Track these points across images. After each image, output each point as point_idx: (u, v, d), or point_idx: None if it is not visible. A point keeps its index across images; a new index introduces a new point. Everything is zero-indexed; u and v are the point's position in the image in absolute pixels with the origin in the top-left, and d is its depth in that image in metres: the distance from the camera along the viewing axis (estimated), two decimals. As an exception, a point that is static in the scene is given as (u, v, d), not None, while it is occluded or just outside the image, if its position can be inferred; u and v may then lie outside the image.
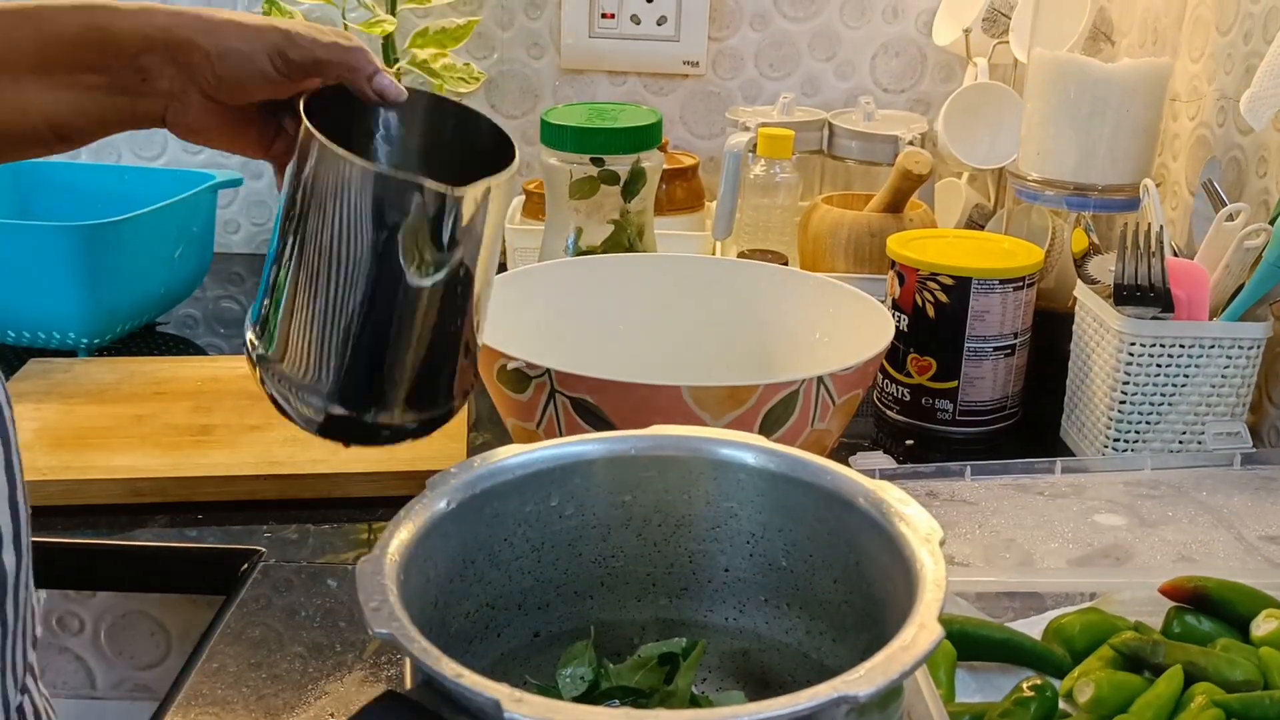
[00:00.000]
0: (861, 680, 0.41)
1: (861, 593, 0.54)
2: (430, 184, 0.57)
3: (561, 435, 0.77)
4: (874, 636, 0.44)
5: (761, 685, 0.59)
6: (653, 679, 0.56)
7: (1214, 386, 0.95)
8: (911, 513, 0.51)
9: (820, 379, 0.77)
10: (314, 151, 0.59)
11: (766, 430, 0.77)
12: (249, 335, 0.66)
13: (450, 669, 0.41)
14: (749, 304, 0.97)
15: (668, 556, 0.60)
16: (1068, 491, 0.84)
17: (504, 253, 1.31)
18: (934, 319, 1.02)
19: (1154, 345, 0.94)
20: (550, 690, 0.55)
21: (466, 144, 0.66)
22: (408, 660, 0.45)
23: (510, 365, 0.78)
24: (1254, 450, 0.92)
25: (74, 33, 0.61)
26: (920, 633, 0.43)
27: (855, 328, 0.88)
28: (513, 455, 0.56)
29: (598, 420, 0.77)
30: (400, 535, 0.49)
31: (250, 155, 0.70)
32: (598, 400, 0.76)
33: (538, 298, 0.94)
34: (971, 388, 1.04)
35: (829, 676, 0.42)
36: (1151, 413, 0.96)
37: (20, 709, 0.60)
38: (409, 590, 0.47)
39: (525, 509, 0.56)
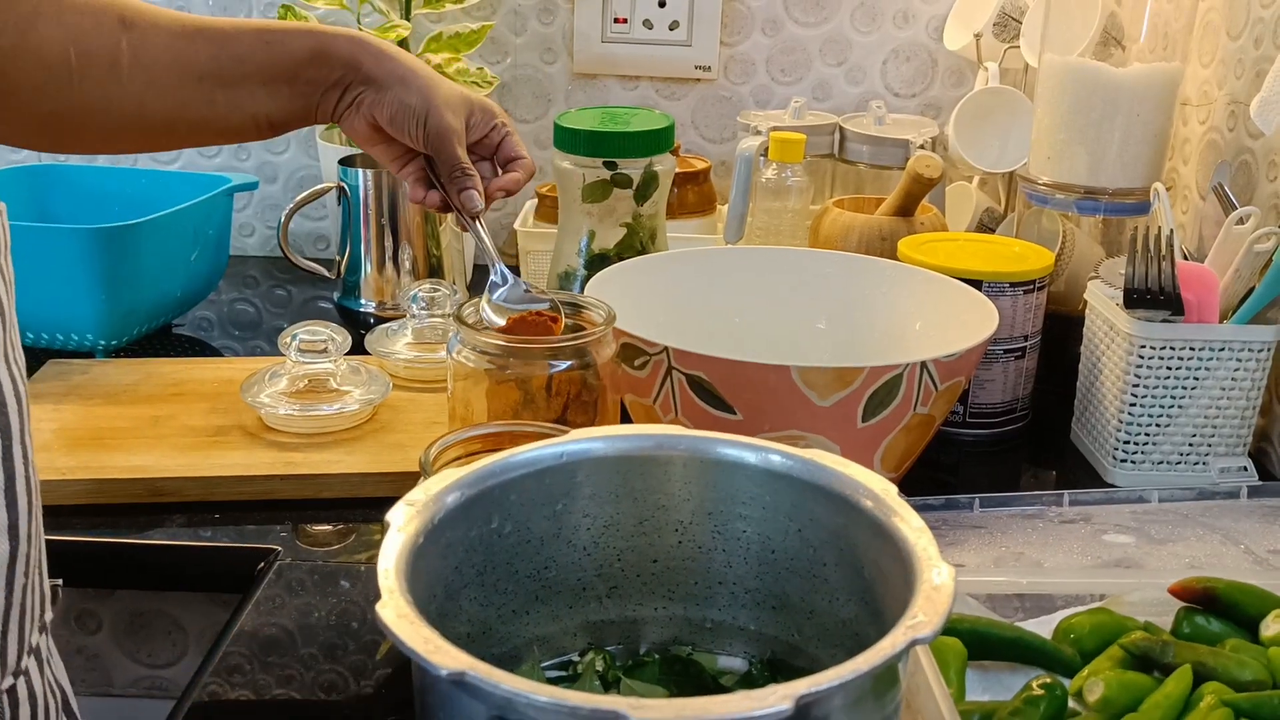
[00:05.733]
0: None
1: (862, 593, 0.55)
2: None
3: (677, 411, 0.84)
4: (879, 634, 0.44)
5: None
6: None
7: (1224, 389, 0.95)
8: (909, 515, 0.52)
9: (923, 364, 0.82)
10: None
11: (870, 412, 0.82)
12: None
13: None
14: (854, 296, 1.02)
15: (672, 557, 0.60)
16: (1076, 518, 0.85)
17: (516, 257, 1.32)
18: (945, 322, 1.02)
19: (1164, 348, 0.94)
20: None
21: None
22: (416, 665, 0.46)
23: (629, 342, 0.84)
24: (1261, 484, 0.92)
25: (302, 52, 0.78)
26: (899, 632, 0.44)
27: (957, 319, 0.93)
28: (517, 454, 0.56)
29: (712, 398, 0.82)
30: (397, 564, 0.48)
31: (386, 167, 0.88)
32: (712, 378, 0.81)
33: (660, 285, 1.00)
34: (982, 390, 1.04)
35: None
36: (1162, 415, 0.96)
37: (12, 691, 0.61)
38: (432, 611, 0.47)
39: (527, 507, 0.57)
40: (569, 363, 0.78)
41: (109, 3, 0.73)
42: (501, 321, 0.82)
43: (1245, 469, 0.97)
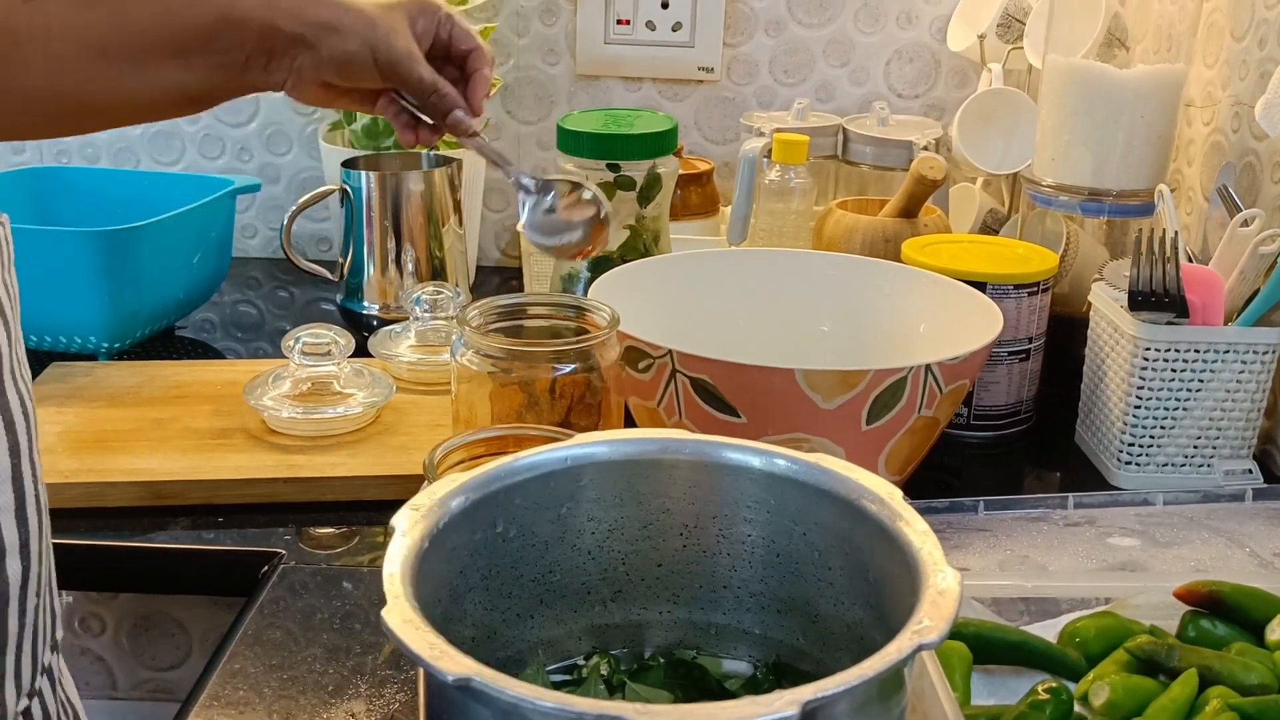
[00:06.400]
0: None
1: (867, 597, 0.55)
2: None
3: (681, 414, 0.84)
4: (884, 638, 0.44)
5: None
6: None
7: (1228, 392, 0.95)
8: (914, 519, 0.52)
9: (928, 367, 0.81)
10: None
11: (875, 415, 0.82)
12: None
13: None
14: (858, 298, 1.02)
15: (677, 561, 0.60)
16: (1080, 521, 0.85)
17: (519, 258, 1.32)
18: (949, 324, 1.02)
19: (1169, 350, 0.94)
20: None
21: None
22: (421, 670, 0.46)
23: (633, 345, 0.83)
24: (1266, 486, 0.92)
25: (209, 22, 0.68)
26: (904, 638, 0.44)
27: (961, 321, 0.93)
28: (522, 458, 0.56)
29: (716, 401, 0.82)
30: (402, 569, 0.48)
31: (364, 111, 0.82)
32: (716, 381, 0.81)
33: (663, 288, 1.00)
34: (986, 392, 1.04)
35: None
36: (1166, 418, 0.96)
37: (27, 713, 0.61)
38: (437, 615, 0.47)
39: (531, 511, 0.57)
40: (573, 366, 0.78)
41: None
42: (547, 241, 0.79)
43: (1250, 471, 0.96)
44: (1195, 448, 0.97)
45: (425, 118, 0.81)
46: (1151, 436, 0.96)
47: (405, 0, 0.77)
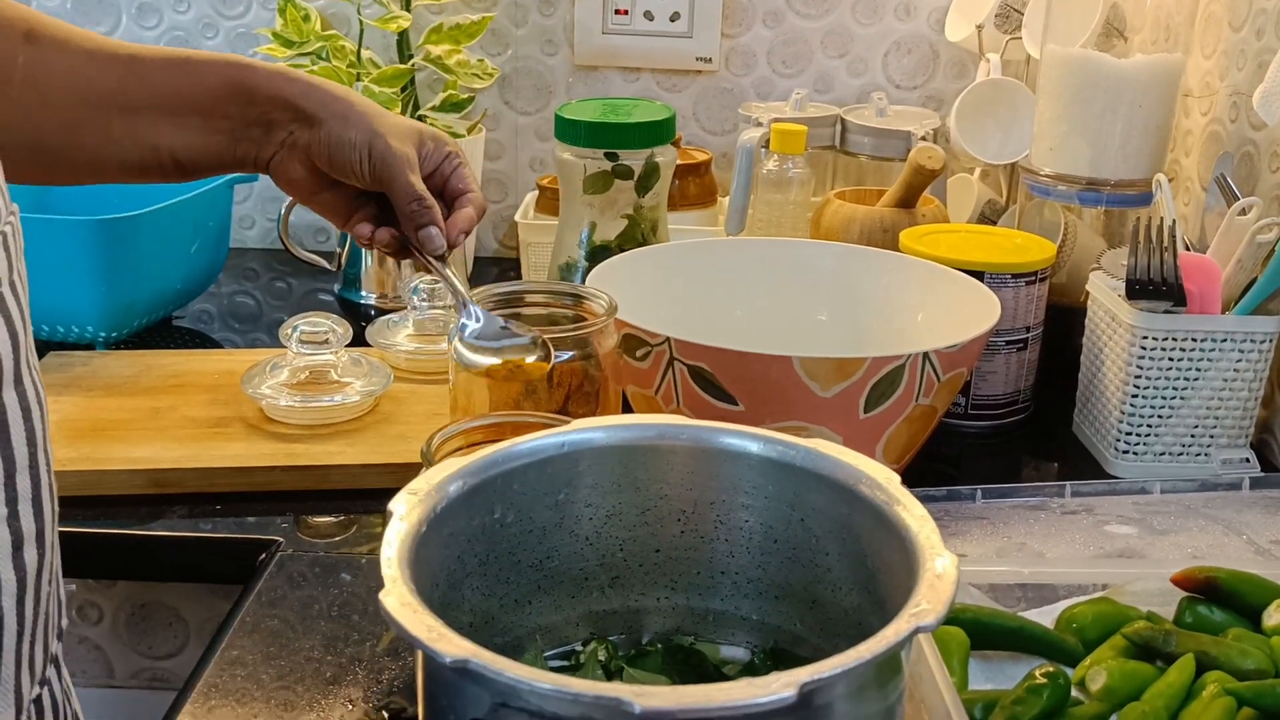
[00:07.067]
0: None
1: (865, 582, 0.55)
2: None
3: (679, 402, 0.84)
4: (882, 623, 0.44)
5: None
6: None
7: (1226, 381, 0.95)
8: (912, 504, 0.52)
9: (926, 355, 0.82)
10: None
11: (872, 403, 0.82)
12: None
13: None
14: (856, 288, 1.02)
15: (675, 547, 0.60)
16: (1078, 509, 0.86)
17: (517, 248, 1.32)
18: (946, 313, 1.02)
19: (1166, 339, 0.94)
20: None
21: None
22: (419, 654, 0.45)
23: (631, 333, 0.84)
24: (1263, 475, 0.92)
25: (218, 84, 0.69)
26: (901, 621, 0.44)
27: (959, 310, 0.93)
28: (519, 443, 0.56)
29: (714, 389, 0.82)
30: (400, 553, 0.48)
31: (331, 221, 0.80)
32: (714, 369, 0.81)
33: (661, 277, 1.00)
34: (984, 382, 1.04)
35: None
36: (1164, 406, 0.96)
37: (38, 701, 0.61)
38: (435, 601, 0.47)
39: (529, 497, 0.57)
40: (571, 353, 0.78)
41: (21, 15, 0.64)
42: (480, 360, 0.76)
43: (1247, 460, 0.97)
44: (1193, 436, 0.97)
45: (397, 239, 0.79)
46: (1149, 425, 0.96)
47: (422, 126, 0.78)
